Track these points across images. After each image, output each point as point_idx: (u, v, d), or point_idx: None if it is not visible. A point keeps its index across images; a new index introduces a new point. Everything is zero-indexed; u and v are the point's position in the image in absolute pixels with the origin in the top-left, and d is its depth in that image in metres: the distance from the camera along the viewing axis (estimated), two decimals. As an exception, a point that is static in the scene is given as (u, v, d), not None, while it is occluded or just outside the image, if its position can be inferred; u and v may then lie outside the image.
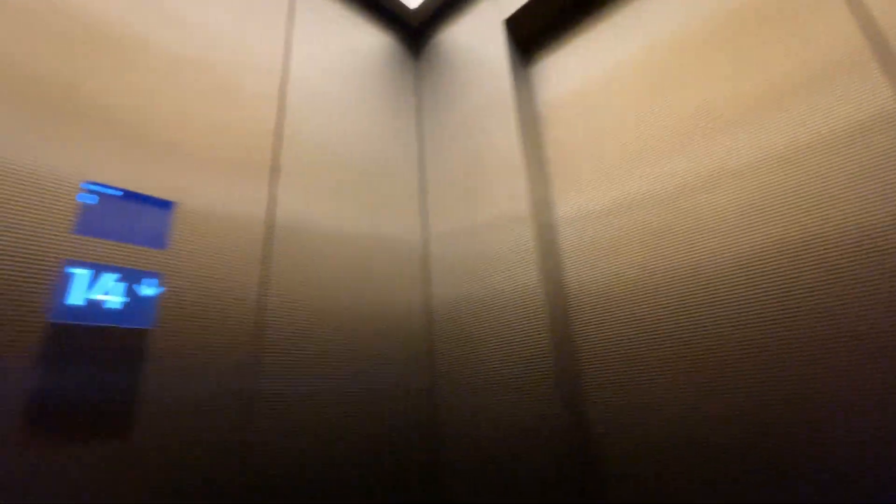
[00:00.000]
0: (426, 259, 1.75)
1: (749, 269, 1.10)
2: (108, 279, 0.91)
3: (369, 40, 1.97)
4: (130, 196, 0.99)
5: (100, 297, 0.89)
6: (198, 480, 0.95)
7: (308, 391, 1.21)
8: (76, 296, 0.86)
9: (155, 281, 0.98)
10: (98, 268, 0.91)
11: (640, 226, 1.36)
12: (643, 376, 1.24)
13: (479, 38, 1.88)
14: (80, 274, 0.88)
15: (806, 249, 1.03)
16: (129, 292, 0.93)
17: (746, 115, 1.20)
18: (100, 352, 0.87)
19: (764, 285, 1.07)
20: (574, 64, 1.73)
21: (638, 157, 1.43)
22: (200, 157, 1.19)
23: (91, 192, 0.92)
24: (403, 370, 1.48)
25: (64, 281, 0.86)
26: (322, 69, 1.68)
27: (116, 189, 0.97)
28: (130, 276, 0.94)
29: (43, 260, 0.87)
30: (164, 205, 1.04)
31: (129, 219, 0.97)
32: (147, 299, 0.95)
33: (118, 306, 0.91)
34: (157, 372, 0.95)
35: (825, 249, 1.00)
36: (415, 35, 2.26)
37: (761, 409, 1.01)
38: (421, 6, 2.12)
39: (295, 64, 1.58)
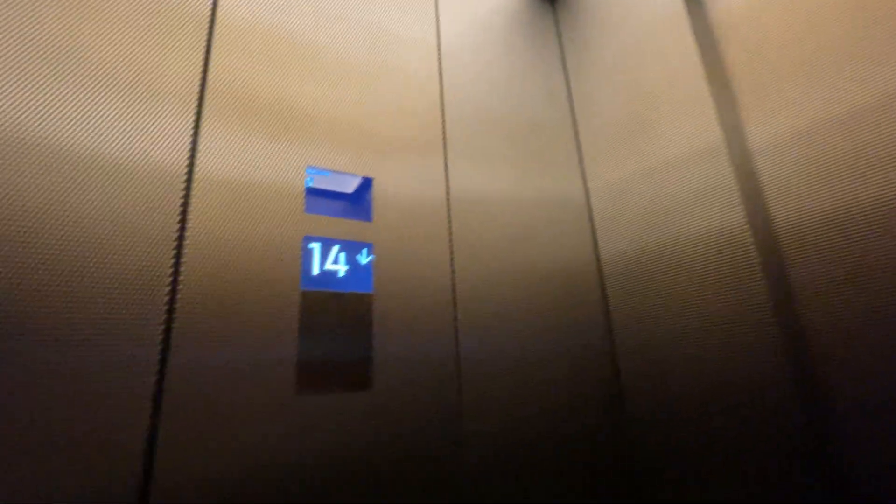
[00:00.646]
0: (590, 214, 1.66)
1: None
2: (334, 250, 1.06)
3: (504, -5, 1.89)
4: (339, 176, 1.13)
5: (331, 266, 1.04)
6: (426, 427, 1.06)
7: (498, 353, 1.26)
8: (315, 266, 1.02)
9: (366, 250, 1.11)
10: (326, 241, 1.06)
11: (869, 143, 1.06)
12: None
13: (630, -41, 1.66)
14: (315, 247, 1.04)
15: None
16: (350, 261, 1.07)
17: None
18: (339, 315, 1.02)
19: None
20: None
21: (860, 58, 1.11)
22: (386, 138, 1.30)
23: (313, 175, 1.08)
24: (580, 331, 1.44)
25: (306, 254, 1.03)
26: (464, 33, 1.67)
27: (329, 171, 1.11)
28: (349, 247, 1.08)
29: (290, 238, 1.04)
30: (365, 182, 1.16)
31: (341, 196, 1.10)
32: (364, 267, 1.09)
33: (344, 274, 1.05)
34: (382, 332, 1.08)
35: None
36: (548, -21, 2.11)
37: None
38: (554, -56, 1.95)
39: (443, 34, 1.60)
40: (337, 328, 1.01)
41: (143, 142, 0.97)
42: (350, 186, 1.19)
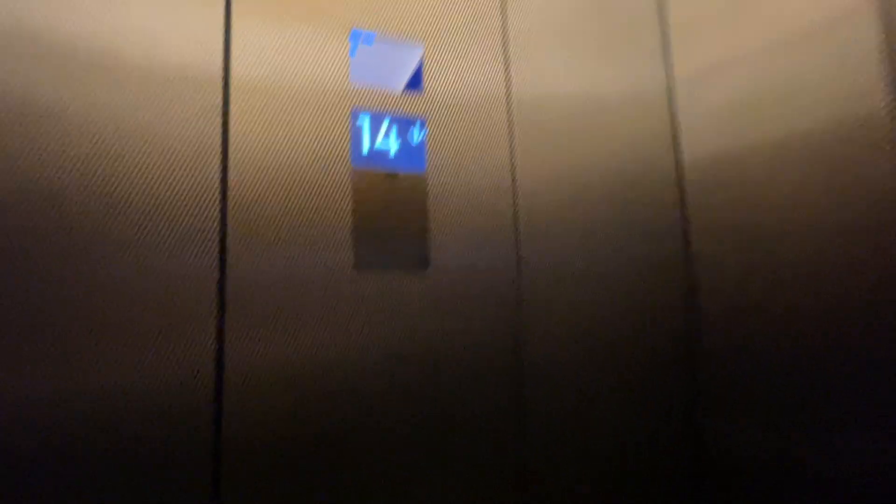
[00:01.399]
0: (672, 107, 1.43)
1: None
2: (384, 127, 0.97)
3: None
4: (386, 42, 1.00)
5: (381, 143, 0.96)
6: (485, 315, 1.04)
7: (559, 253, 1.18)
8: (365, 143, 0.95)
9: (417, 126, 1.01)
10: (375, 115, 0.97)
11: None
12: None
13: None
14: (364, 123, 0.95)
15: None
16: (401, 137, 0.99)
17: None
18: (392, 195, 0.97)
19: None
20: None
21: None
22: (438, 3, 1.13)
23: (357, 40, 0.96)
24: (652, 245, 1.31)
25: (355, 132, 0.95)
26: None
27: (374, 33, 0.99)
28: (400, 125, 0.99)
29: (337, 110, 0.96)
30: (415, 48, 1.04)
31: (389, 64, 0.99)
32: (417, 147, 1.00)
33: (395, 153, 0.98)
34: (437, 213, 1.02)
35: None
36: None
37: None
38: None
39: None
40: (391, 207, 0.96)
41: (173, 38, 0.86)
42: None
